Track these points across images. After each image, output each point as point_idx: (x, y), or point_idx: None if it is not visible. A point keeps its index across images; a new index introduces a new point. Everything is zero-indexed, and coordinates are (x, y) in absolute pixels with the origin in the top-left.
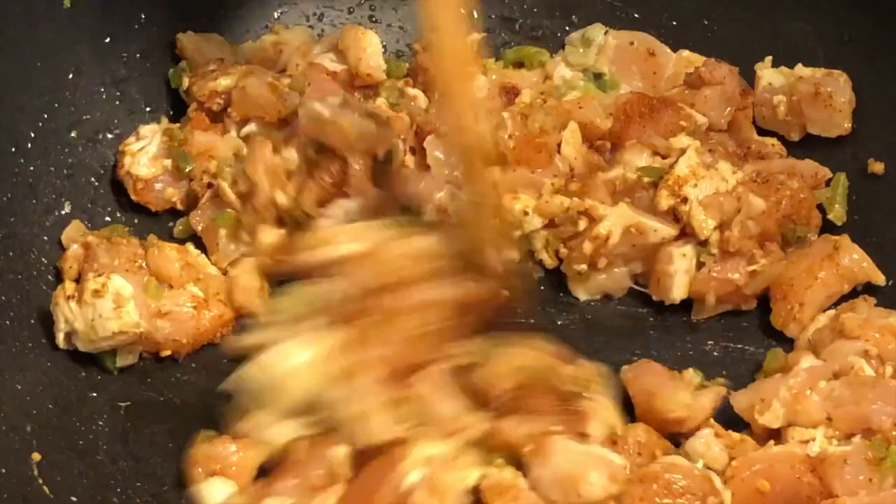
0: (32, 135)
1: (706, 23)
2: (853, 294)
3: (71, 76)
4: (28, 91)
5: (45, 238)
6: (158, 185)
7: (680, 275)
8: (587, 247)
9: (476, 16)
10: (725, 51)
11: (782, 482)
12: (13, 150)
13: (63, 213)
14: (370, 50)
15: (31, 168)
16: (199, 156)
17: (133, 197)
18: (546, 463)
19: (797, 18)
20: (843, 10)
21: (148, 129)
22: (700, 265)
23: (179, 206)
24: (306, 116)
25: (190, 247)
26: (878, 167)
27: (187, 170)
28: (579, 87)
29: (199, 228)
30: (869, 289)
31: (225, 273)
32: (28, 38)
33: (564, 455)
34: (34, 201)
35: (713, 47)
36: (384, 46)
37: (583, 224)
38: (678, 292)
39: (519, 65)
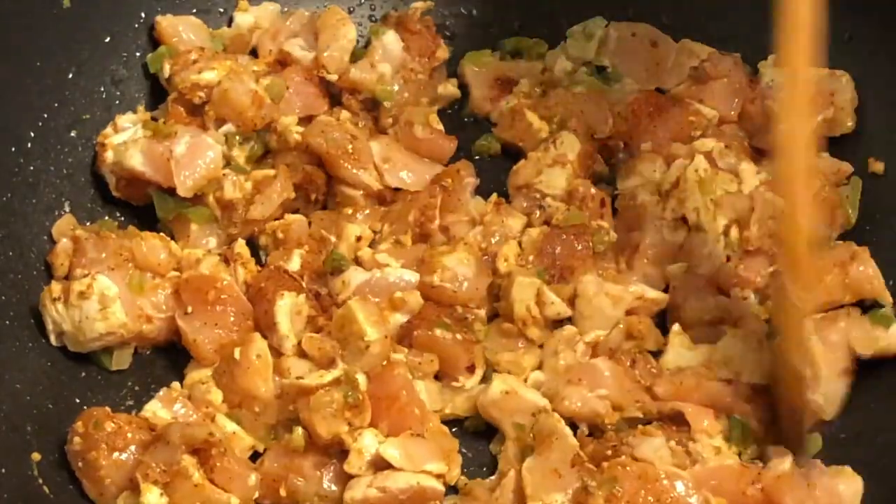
0: (32, 135)
1: (706, 22)
2: (859, 306)
3: (71, 76)
4: (28, 91)
5: (45, 238)
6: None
7: (712, 260)
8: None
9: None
10: (725, 50)
11: None
12: (13, 150)
13: (63, 213)
14: (342, 42)
15: (31, 168)
16: None
17: (114, 193)
18: None
19: None
20: (843, 10)
21: (126, 120)
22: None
23: None
24: None
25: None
26: (878, 167)
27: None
28: (584, 81)
29: (170, 217)
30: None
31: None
32: (28, 38)
33: None
34: (34, 201)
35: (713, 47)
36: None
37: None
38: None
39: (517, 55)
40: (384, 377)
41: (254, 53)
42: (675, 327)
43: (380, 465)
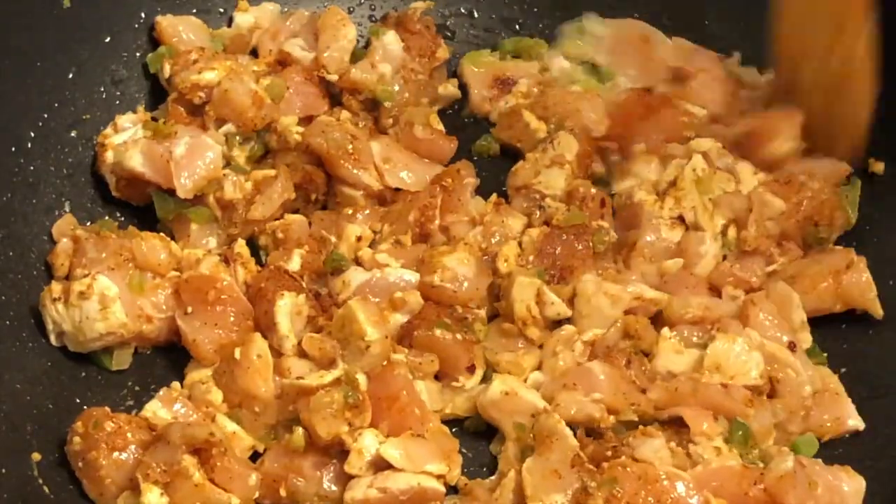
0: (32, 135)
1: (706, 22)
2: (850, 315)
3: (71, 76)
4: (28, 91)
5: (45, 238)
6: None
7: (709, 258)
8: None
9: (475, 14)
10: (723, 51)
11: None
12: (13, 150)
13: (63, 213)
14: (342, 43)
15: (32, 168)
16: None
17: (114, 193)
18: None
19: None
20: None
21: (126, 120)
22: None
23: None
24: None
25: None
26: (878, 167)
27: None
28: (580, 80)
29: (170, 217)
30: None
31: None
32: (28, 39)
33: None
34: (34, 201)
35: (712, 47)
36: None
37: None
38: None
39: (516, 56)
40: (384, 377)
41: (254, 54)
42: (665, 331)
43: (380, 465)
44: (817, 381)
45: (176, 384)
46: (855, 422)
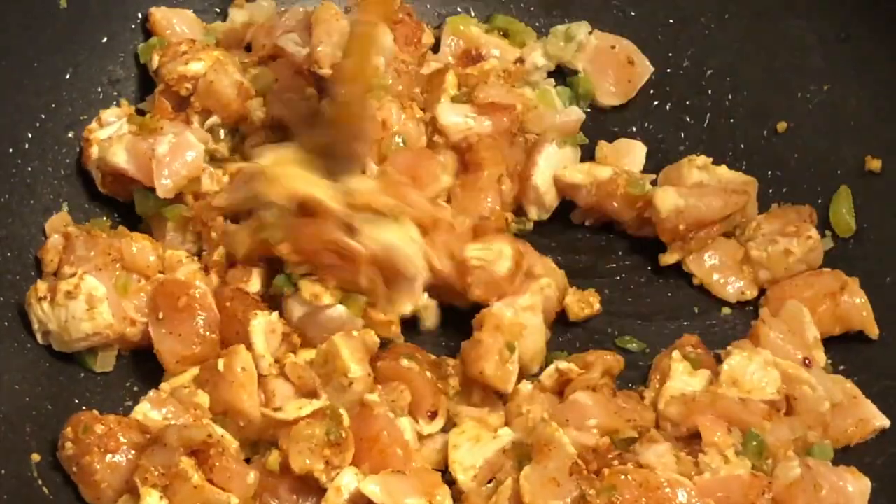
0: (30, 135)
1: (703, 21)
2: (844, 338)
3: (68, 76)
4: (26, 91)
5: (43, 239)
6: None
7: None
8: None
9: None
10: (723, 50)
11: None
12: (11, 150)
13: (61, 213)
14: (335, 38)
15: (30, 169)
16: None
17: (101, 189)
18: None
19: (797, 18)
20: (843, 10)
21: (111, 114)
22: None
23: None
24: None
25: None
26: (875, 164)
27: None
28: (538, 88)
29: (150, 214)
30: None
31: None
32: (25, 39)
33: None
34: (32, 202)
35: (711, 46)
36: None
37: None
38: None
39: (505, 36)
40: (365, 417)
41: (248, 49)
42: (675, 354)
43: (358, 503)
44: (837, 393)
45: (165, 385)
46: (881, 421)
